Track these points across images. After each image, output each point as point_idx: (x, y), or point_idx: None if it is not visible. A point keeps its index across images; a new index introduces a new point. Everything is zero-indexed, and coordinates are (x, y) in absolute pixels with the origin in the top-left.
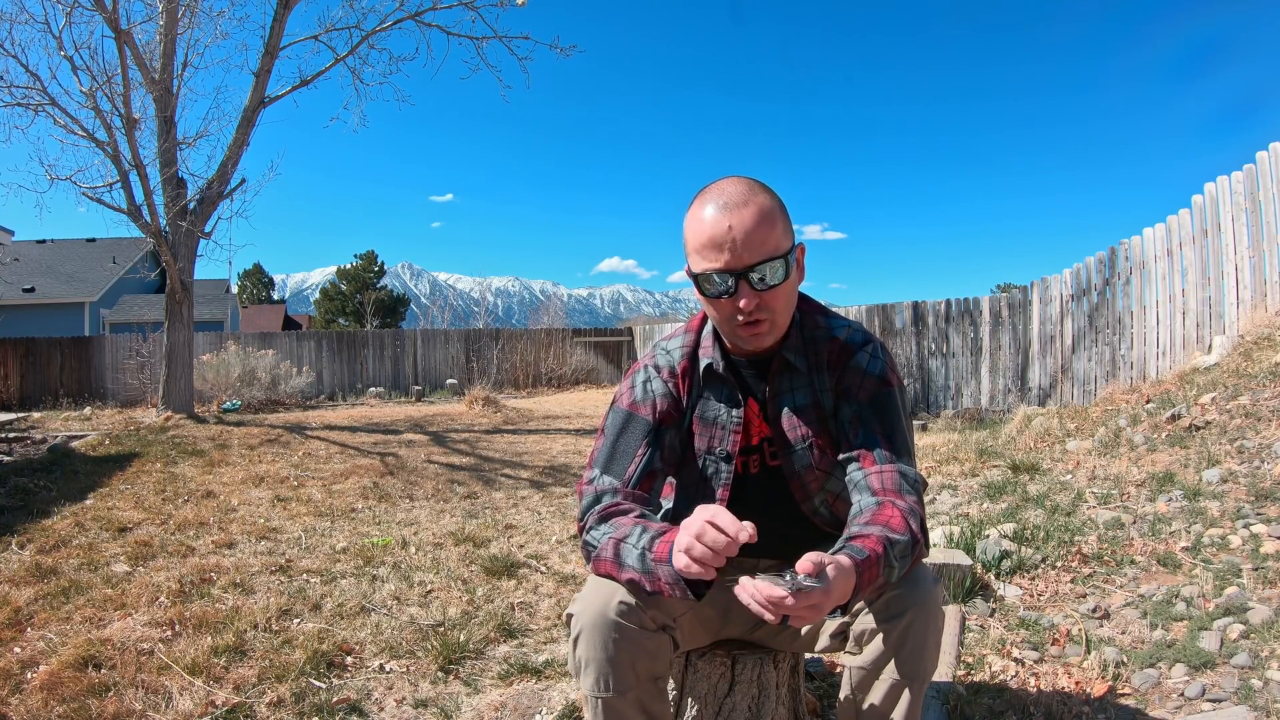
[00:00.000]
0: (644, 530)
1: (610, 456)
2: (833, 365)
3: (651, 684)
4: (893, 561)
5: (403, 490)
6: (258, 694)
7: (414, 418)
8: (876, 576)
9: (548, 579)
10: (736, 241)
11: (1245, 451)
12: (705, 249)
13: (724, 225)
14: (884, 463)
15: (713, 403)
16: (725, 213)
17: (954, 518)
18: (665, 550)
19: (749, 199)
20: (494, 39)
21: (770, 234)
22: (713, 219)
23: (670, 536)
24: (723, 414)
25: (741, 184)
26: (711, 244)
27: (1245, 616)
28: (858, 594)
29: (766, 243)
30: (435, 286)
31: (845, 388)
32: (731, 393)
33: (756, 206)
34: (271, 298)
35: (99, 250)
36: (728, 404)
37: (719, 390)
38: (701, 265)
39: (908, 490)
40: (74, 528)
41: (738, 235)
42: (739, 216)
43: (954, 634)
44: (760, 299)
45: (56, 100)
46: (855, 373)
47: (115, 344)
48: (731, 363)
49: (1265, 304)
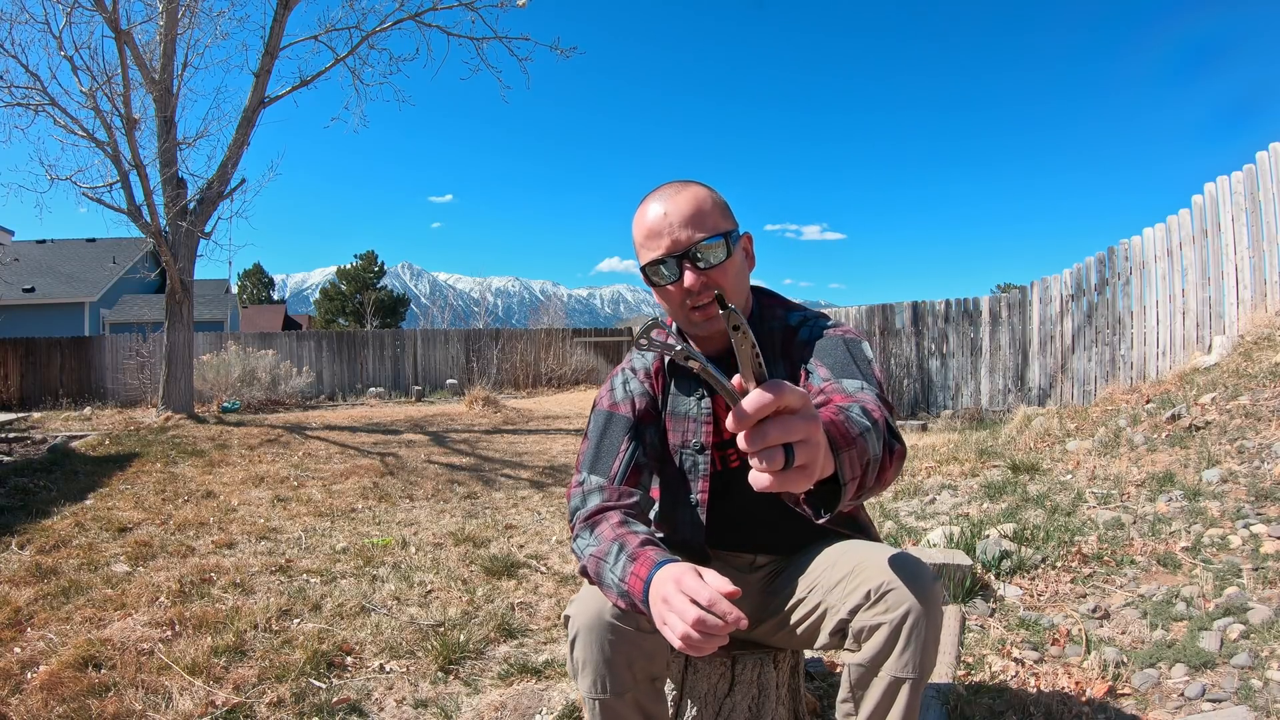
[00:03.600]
0: (620, 550)
1: (595, 456)
2: (785, 352)
3: (649, 685)
4: (860, 421)
5: (403, 490)
6: (258, 694)
7: (414, 418)
8: (850, 441)
9: (548, 579)
10: (674, 225)
11: (1245, 451)
12: (648, 240)
13: (660, 213)
14: (822, 383)
15: (681, 397)
16: (660, 203)
17: (954, 518)
18: (639, 586)
19: (682, 189)
20: (494, 40)
21: (706, 216)
22: (651, 211)
23: (640, 570)
24: (691, 407)
25: (676, 181)
26: (652, 234)
27: (1245, 616)
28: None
29: (704, 224)
30: (435, 286)
31: (796, 363)
32: (696, 385)
33: (690, 194)
34: (271, 298)
35: (99, 250)
36: (694, 396)
37: (685, 384)
38: (647, 256)
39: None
40: (74, 528)
41: (674, 220)
42: (674, 203)
43: (954, 634)
44: (706, 277)
45: (56, 100)
46: (800, 347)
47: (115, 344)
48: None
49: (1265, 304)
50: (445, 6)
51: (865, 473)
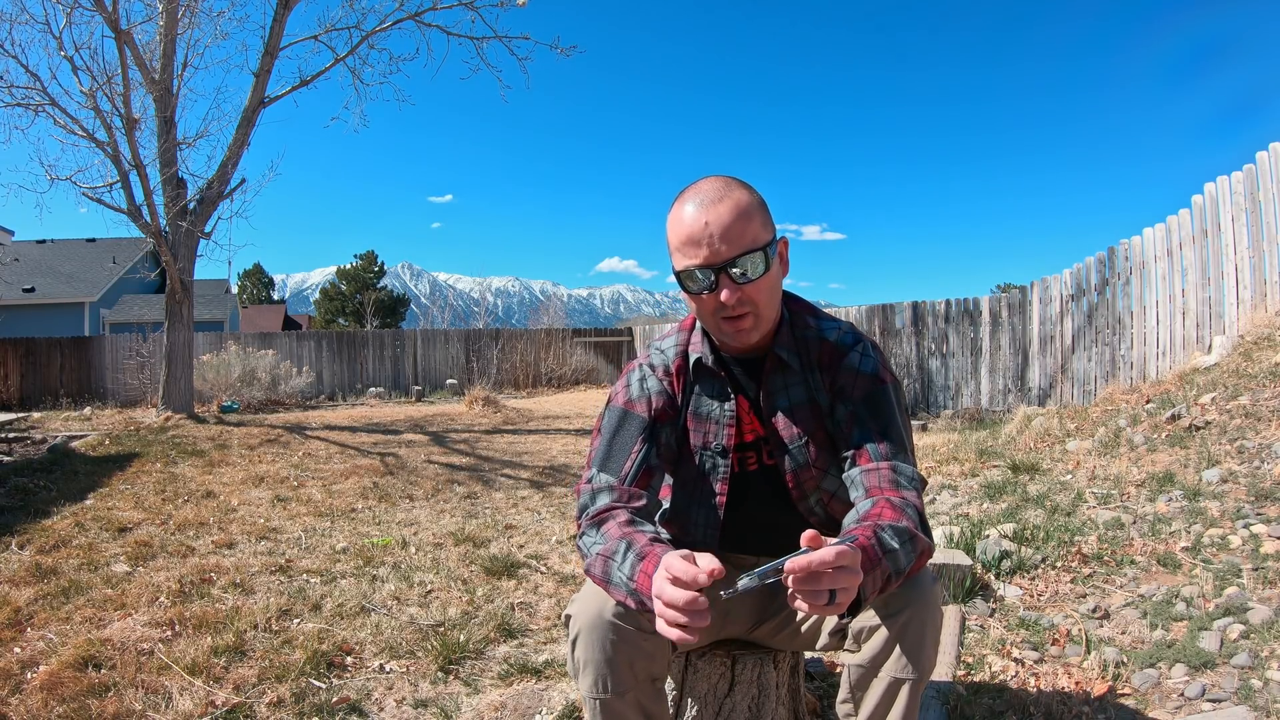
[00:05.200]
0: (629, 548)
1: (607, 455)
2: (825, 366)
3: (650, 684)
4: (890, 544)
5: (403, 490)
6: (258, 694)
7: (414, 418)
8: (876, 564)
9: (548, 579)
10: (714, 236)
11: (1245, 451)
12: (685, 246)
13: (701, 222)
14: (879, 459)
15: (705, 398)
16: (702, 209)
17: (954, 518)
18: (646, 584)
19: (725, 195)
20: (494, 39)
21: (747, 227)
22: (691, 217)
23: (648, 567)
24: (715, 409)
25: (718, 181)
26: (690, 241)
27: (1245, 616)
28: (865, 585)
29: (744, 236)
30: (435, 286)
31: (840, 388)
32: (722, 387)
33: (733, 202)
34: (271, 298)
35: (99, 250)
36: (719, 398)
37: (710, 385)
38: (683, 263)
39: (904, 486)
40: (74, 528)
41: (715, 230)
42: (715, 212)
43: (954, 634)
44: (741, 292)
45: (56, 100)
46: (849, 373)
47: (115, 344)
48: (722, 359)
49: (1265, 304)
50: (445, 6)
51: (887, 584)
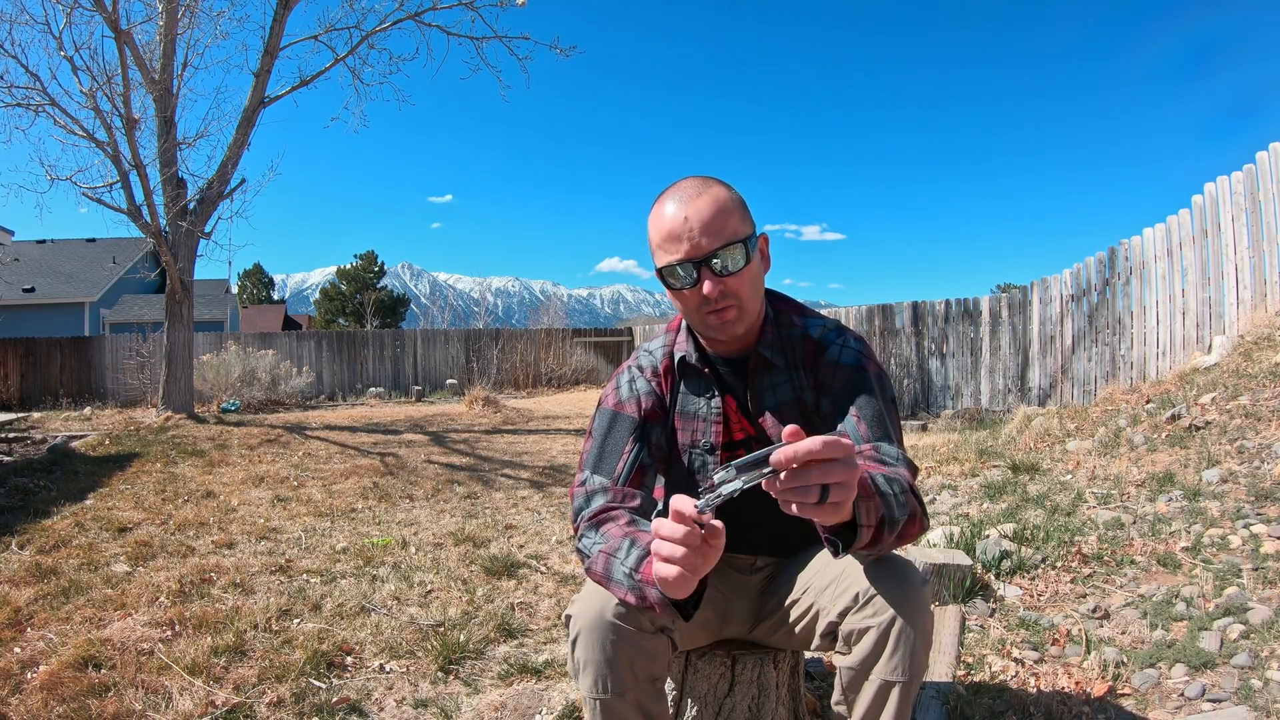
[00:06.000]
0: (632, 545)
1: (599, 456)
2: (809, 364)
3: (650, 685)
4: (883, 488)
5: (403, 490)
6: (258, 694)
7: (414, 418)
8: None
9: (548, 579)
10: (694, 230)
11: (1245, 451)
12: (666, 242)
13: (681, 217)
14: (860, 442)
15: (691, 396)
16: (681, 206)
17: (954, 518)
18: (650, 573)
19: (703, 191)
20: (494, 39)
21: (727, 221)
22: (671, 213)
23: None
24: (701, 406)
25: (696, 180)
26: (671, 237)
27: (1245, 616)
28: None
29: (724, 230)
30: (435, 286)
31: (822, 382)
32: (707, 385)
33: (711, 197)
34: (271, 298)
35: (99, 250)
36: (705, 396)
37: (695, 384)
38: (664, 259)
39: (890, 464)
40: (74, 528)
41: (695, 225)
42: (694, 207)
43: (954, 634)
44: (724, 285)
45: (56, 100)
46: (829, 365)
47: (115, 344)
48: (707, 356)
49: (1265, 304)
50: (445, 6)
51: (881, 527)
